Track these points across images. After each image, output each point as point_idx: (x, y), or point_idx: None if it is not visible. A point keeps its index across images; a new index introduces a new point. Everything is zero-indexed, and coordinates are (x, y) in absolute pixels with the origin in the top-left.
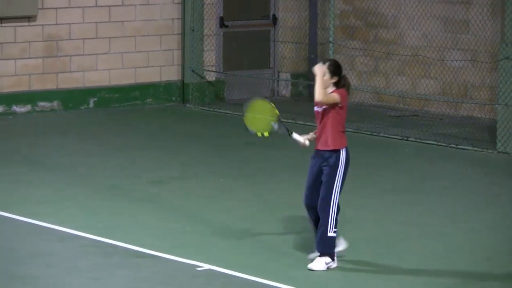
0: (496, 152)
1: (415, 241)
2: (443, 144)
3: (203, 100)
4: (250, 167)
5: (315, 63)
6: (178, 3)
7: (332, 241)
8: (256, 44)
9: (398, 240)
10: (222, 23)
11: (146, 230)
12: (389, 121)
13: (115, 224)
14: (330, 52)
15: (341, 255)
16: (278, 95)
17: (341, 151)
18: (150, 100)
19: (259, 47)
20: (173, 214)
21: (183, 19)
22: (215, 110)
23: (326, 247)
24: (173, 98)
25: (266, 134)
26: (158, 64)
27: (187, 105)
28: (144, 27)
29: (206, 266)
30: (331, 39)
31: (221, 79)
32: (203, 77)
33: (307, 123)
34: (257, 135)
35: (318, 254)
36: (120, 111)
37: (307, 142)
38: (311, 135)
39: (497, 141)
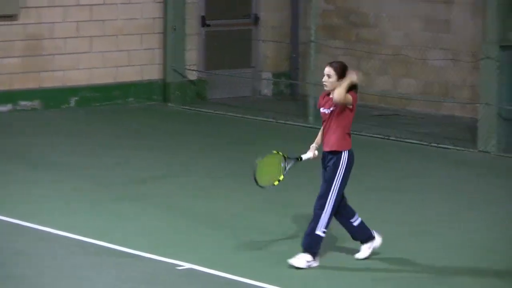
0: (477, 151)
1: (405, 240)
2: (425, 143)
3: (185, 99)
4: (234, 166)
5: (297, 62)
6: (159, 2)
7: (318, 240)
8: (238, 43)
9: (388, 239)
10: (204, 22)
11: (128, 229)
12: (370, 120)
13: (98, 224)
14: (312, 51)
15: (376, 252)
16: (259, 94)
17: (343, 152)
18: (131, 99)
19: (241, 46)
20: (156, 213)
21: (165, 18)
22: (196, 109)
23: (311, 245)
24: (155, 97)
25: (281, 178)
26: (139, 63)
27: (169, 104)
28: (125, 26)
29: (187, 265)
30: (313, 38)
31: (202, 78)
32: (184, 76)
33: (287, 122)
34: (274, 185)
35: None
36: (101, 110)
37: (316, 153)
38: (314, 146)
39: (478, 140)
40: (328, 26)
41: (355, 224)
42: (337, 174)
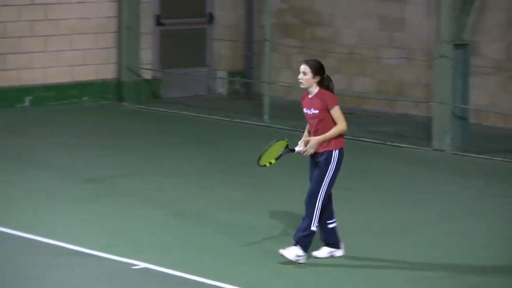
0: (432, 149)
1: (366, 238)
2: (379, 142)
3: (140, 98)
4: (188, 165)
5: (252, 61)
6: (114, 1)
7: (312, 236)
8: (193, 42)
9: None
10: (158, 21)
11: (84, 229)
12: None
13: (51, 223)
14: (267, 50)
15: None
16: (214, 93)
17: (335, 151)
18: (86, 98)
19: (196, 45)
20: (112, 212)
21: (120, 17)
22: (151, 108)
23: (305, 240)
24: (110, 96)
25: (272, 161)
26: (94, 63)
27: (124, 103)
28: (80, 25)
29: (143, 265)
30: (267, 37)
31: (157, 78)
32: (139, 76)
33: (242, 121)
34: (265, 165)
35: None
36: (56, 110)
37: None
38: (303, 142)
39: (433, 139)
40: (283, 25)
41: (330, 226)
42: (328, 171)
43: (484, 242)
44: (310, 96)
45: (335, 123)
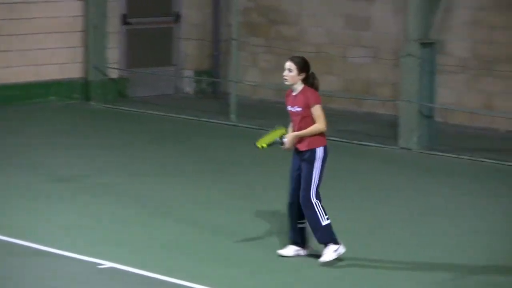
0: (398, 148)
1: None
2: (346, 141)
3: (106, 97)
4: (155, 164)
5: (219, 60)
6: (80, 0)
7: (329, 228)
8: (160, 41)
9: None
10: (125, 21)
11: (50, 229)
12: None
13: (17, 222)
14: (234, 49)
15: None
16: (181, 92)
17: (318, 149)
18: (53, 97)
19: (163, 44)
20: (77, 211)
21: (86, 16)
22: (118, 107)
23: (327, 236)
24: (76, 95)
25: (264, 145)
26: (61, 62)
27: (91, 102)
28: (46, 24)
29: (109, 264)
30: (234, 36)
31: (124, 77)
32: (106, 75)
33: (209, 120)
34: (256, 145)
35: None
36: (22, 109)
37: None
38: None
39: (399, 137)
40: (249, 24)
41: (300, 226)
42: (314, 170)
43: (457, 239)
44: (294, 94)
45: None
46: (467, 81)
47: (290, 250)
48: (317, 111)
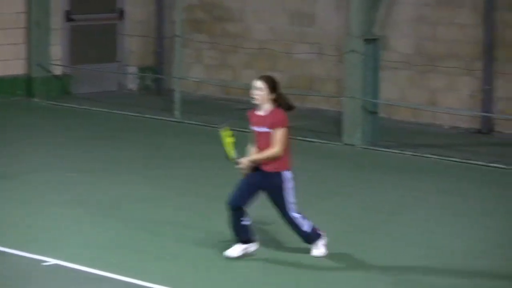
0: (342, 144)
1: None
2: (290, 137)
3: (50, 94)
4: (98, 161)
5: (162, 57)
6: None
7: (313, 230)
8: (103, 37)
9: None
10: (68, 17)
11: None
12: (236, 114)
13: None
14: (177, 46)
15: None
16: (125, 88)
17: (286, 172)
18: None
19: (106, 40)
20: (21, 208)
21: (29, 12)
22: (62, 104)
23: (313, 237)
24: (20, 92)
25: (234, 155)
26: (3, 58)
27: (34, 99)
28: None
29: (53, 261)
30: (178, 32)
31: (68, 73)
32: (49, 71)
33: (153, 117)
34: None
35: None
36: None
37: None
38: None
39: (343, 133)
40: (193, 21)
41: (243, 223)
42: (287, 192)
43: (400, 233)
44: (261, 113)
45: (286, 140)
46: (410, 77)
47: (237, 249)
48: (278, 134)
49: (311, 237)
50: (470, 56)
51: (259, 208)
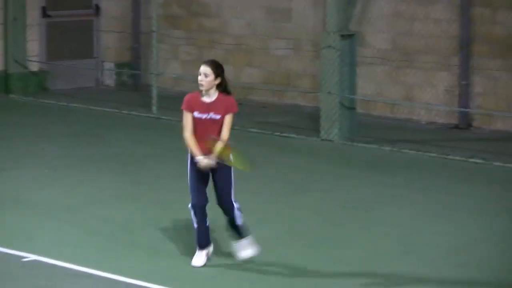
0: (320, 139)
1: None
2: (268, 132)
3: (27, 90)
4: (75, 157)
5: (139, 52)
6: None
7: (244, 225)
8: (80, 33)
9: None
10: (44, 13)
11: None
12: None
13: None
14: (154, 41)
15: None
16: (102, 84)
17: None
18: None
19: (83, 36)
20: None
21: (5, 8)
22: (39, 100)
23: (243, 232)
24: None
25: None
26: None
27: (10, 95)
28: None
29: (33, 257)
30: (154, 28)
31: (44, 69)
32: (26, 67)
33: (131, 112)
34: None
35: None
36: None
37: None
38: (203, 157)
39: (321, 129)
40: (170, 16)
41: (207, 225)
42: (232, 181)
43: (377, 231)
44: (207, 100)
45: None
46: (387, 72)
47: (203, 257)
48: (230, 120)
49: (241, 231)
50: (447, 51)
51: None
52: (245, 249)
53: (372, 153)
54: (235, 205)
